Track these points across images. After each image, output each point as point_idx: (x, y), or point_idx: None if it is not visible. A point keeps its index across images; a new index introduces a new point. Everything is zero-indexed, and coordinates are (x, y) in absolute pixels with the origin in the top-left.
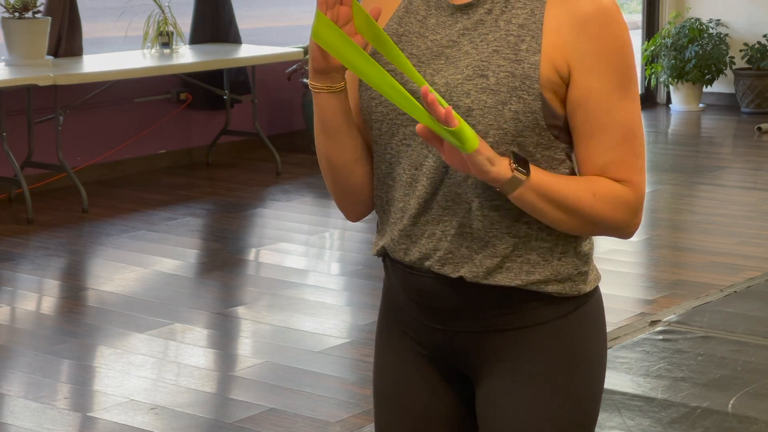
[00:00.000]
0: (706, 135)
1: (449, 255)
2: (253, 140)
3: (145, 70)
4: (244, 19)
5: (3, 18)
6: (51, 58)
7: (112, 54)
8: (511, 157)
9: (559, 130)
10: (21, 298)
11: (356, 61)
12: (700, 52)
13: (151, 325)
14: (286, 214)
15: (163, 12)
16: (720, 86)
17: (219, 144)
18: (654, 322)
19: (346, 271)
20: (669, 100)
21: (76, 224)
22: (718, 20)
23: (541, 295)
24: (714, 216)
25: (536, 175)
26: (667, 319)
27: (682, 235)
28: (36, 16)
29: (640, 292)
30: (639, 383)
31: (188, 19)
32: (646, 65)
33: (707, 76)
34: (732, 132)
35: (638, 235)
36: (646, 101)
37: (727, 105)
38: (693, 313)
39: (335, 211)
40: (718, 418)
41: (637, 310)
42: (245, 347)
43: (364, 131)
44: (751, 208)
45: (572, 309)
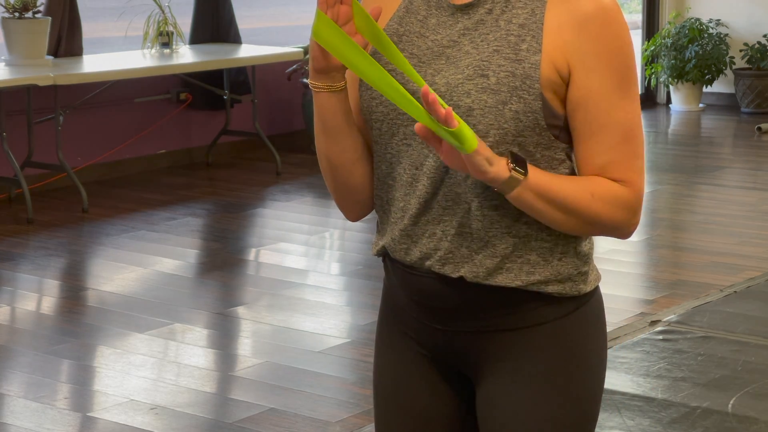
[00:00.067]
0: (706, 135)
1: (450, 255)
2: (253, 140)
3: (145, 70)
4: (244, 19)
5: (3, 18)
6: (51, 58)
7: (112, 54)
8: (509, 157)
9: (560, 130)
10: (21, 298)
11: (356, 60)
12: (700, 52)
13: (151, 325)
14: (286, 214)
15: (163, 12)
16: (720, 86)
17: (219, 144)
18: (654, 322)
19: (346, 271)
20: (669, 100)
21: (76, 224)
22: (718, 20)
23: (542, 295)
24: (714, 216)
25: (534, 174)
26: (667, 319)
27: (682, 235)
28: (36, 16)
29: (640, 292)
30: (639, 383)
31: (188, 19)
32: (646, 65)
33: (707, 76)
34: (732, 132)
35: (638, 235)
36: (646, 101)
37: (727, 105)
38: (693, 313)
39: (335, 211)
40: (718, 418)
41: (637, 310)
42: (245, 347)
43: (365, 131)
44: (751, 208)
45: (572, 309)
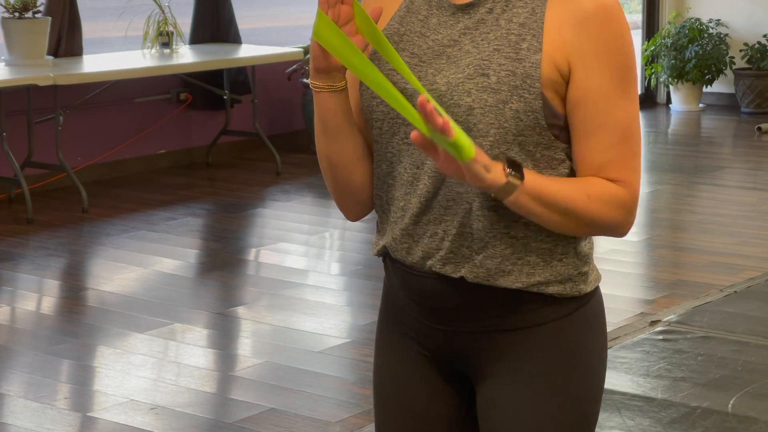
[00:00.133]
0: (706, 135)
1: (451, 255)
2: (253, 140)
3: (145, 70)
4: (244, 19)
5: (3, 18)
6: (51, 58)
7: (112, 54)
8: (505, 163)
9: (560, 129)
10: (21, 298)
11: (355, 61)
12: (700, 52)
13: (151, 325)
14: (286, 214)
15: (163, 12)
16: (720, 86)
17: (219, 144)
18: (654, 322)
19: (346, 271)
20: (669, 100)
21: (76, 224)
22: (718, 20)
23: (542, 295)
24: (714, 216)
25: (530, 178)
26: (667, 319)
27: (682, 235)
28: (36, 16)
29: (640, 292)
30: (639, 383)
31: (188, 19)
32: (646, 65)
33: (707, 76)
34: (732, 132)
35: (638, 235)
36: (646, 101)
37: (727, 105)
38: (693, 313)
39: (335, 211)
40: (718, 418)
41: (637, 310)
42: (245, 347)
43: (365, 131)
44: (751, 208)
45: (573, 309)
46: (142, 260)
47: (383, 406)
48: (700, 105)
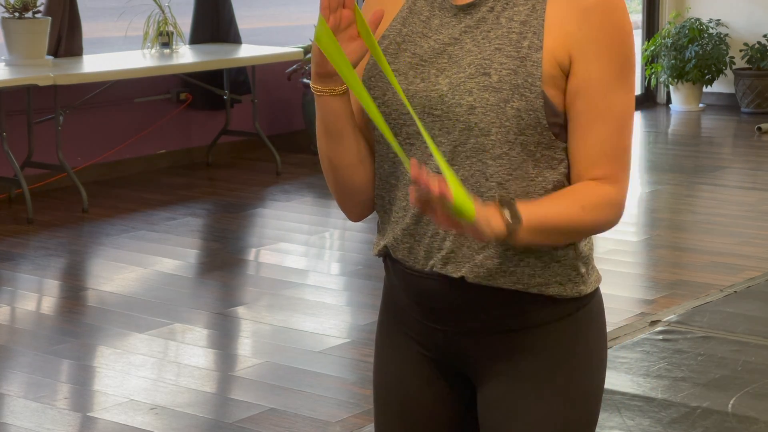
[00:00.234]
0: (706, 135)
1: (451, 254)
2: (253, 140)
3: (145, 70)
4: (244, 19)
5: (3, 18)
6: (51, 58)
7: (112, 54)
8: (498, 206)
9: (560, 128)
10: (21, 298)
11: (347, 73)
12: (700, 52)
13: (151, 325)
14: (286, 214)
15: (163, 12)
16: (720, 86)
17: (219, 144)
18: (654, 322)
19: (346, 271)
20: (669, 100)
21: (76, 224)
22: (718, 20)
23: (542, 296)
24: (714, 216)
25: (528, 216)
26: (667, 319)
27: (682, 235)
28: (36, 16)
29: (640, 292)
30: (639, 383)
31: (188, 19)
32: (646, 65)
33: (707, 76)
34: (732, 132)
35: (638, 235)
36: (646, 101)
37: (727, 105)
38: (693, 313)
39: (335, 211)
40: (718, 418)
41: (637, 310)
42: (245, 347)
43: (366, 131)
44: (751, 208)
45: (573, 310)
46: (142, 260)
47: (383, 406)
48: (700, 105)
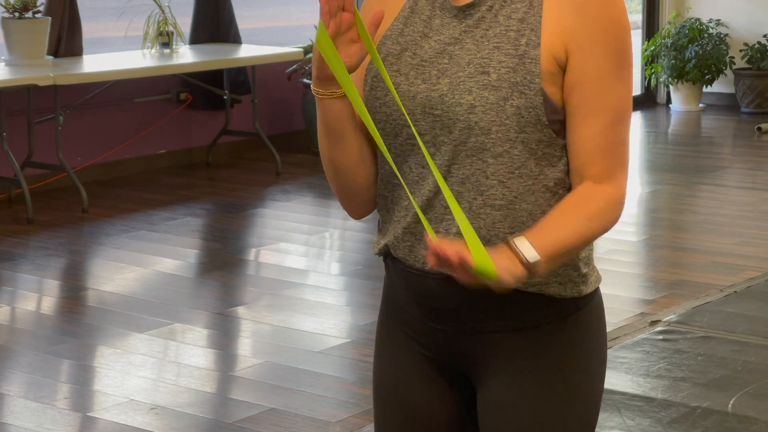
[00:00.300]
0: (706, 135)
1: None
2: (253, 140)
3: (145, 70)
4: (244, 19)
5: (3, 18)
6: (51, 58)
7: (112, 54)
8: (512, 247)
9: (560, 125)
10: (21, 298)
11: (344, 80)
12: (700, 52)
13: (151, 325)
14: (286, 214)
15: (163, 12)
16: (720, 86)
17: (219, 144)
18: (654, 322)
19: (346, 271)
20: (669, 100)
21: (76, 224)
22: (718, 20)
23: (542, 296)
24: (714, 216)
25: (542, 249)
26: (667, 319)
27: (682, 235)
28: (36, 16)
29: (640, 292)
30: (639, 383)
31: (188, 19)
32: (646, 65)
33: (707, 76)
34: (732, 132)
35: (638, 235)
36: (646, 101)
37: (727, 105)
38: (693, 313)
39: (335, 211)
40: (718, 418)
41: (637, 310)
42: (245, 347)
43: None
44: (751, 208)
45: (573, 310)
46: (142, 260)
47: (383, 406)
48: (700, 105)
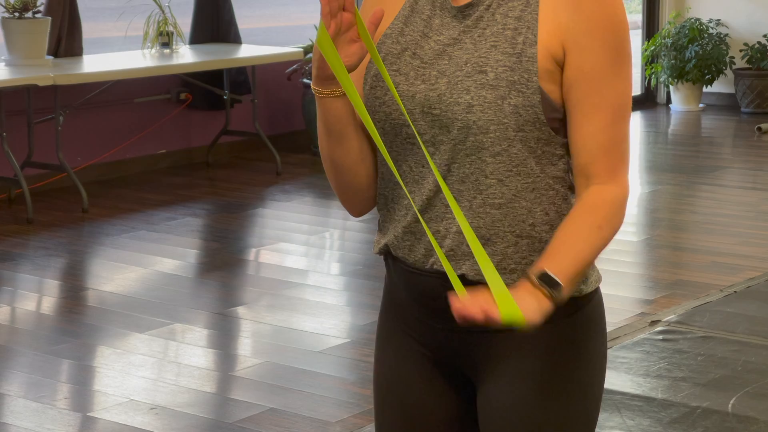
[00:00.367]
0: (706, 135)
1: (451, 252)
2: (253, 140)
3: (145, 70)
4: (244, 19)
5: (3, 18)
6: (51, 58)
7: (112, 54)
8: (534, 282)
9: (560, 123)
10: (21, 298)
11: (344, 80)
12: (700, 52)
13: (151, 325)
14: (286, 214)
15: (163, 12)
16: (720, 86)
17: (219, 144)
18: (654, 322)
19: (346, 271)
20: (669, 100)
21: (76, 224)
22: (718, 20)
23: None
24: (714, 216)
25: (562, 275)
26: (667, 319)
27: (682, 235)
28: (36, 16)
29: (640, 292)
30: (639, 383)
31: (188, 19)
32: (646, 65)
33: (707, 76)
34: (732, 132)
35: (638, 235)
36: (646, 101)
37: (727, 105)
38: (693, 313)
39: (335, 211)
40: (718, 418)
41: (637, 310)
42: (245, 347)
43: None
44: (751, 208)
45: (573, 310)
46: (142, 260)
47: (383, 405)
48: (700, 105)
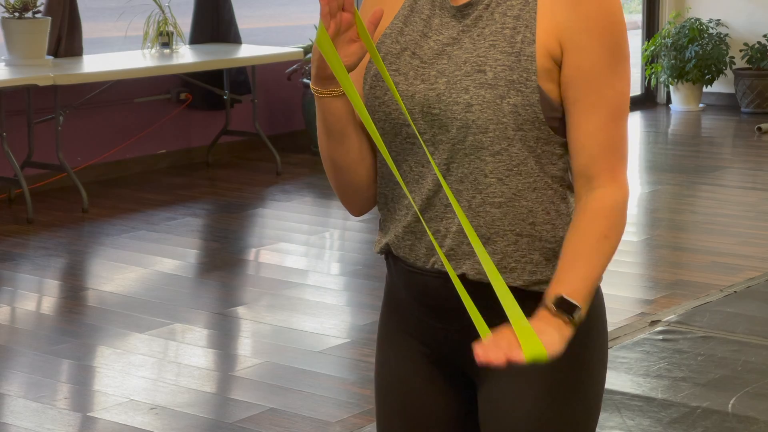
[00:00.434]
0: (706, 135)
1: (452, 252)
2: (253, 140)
3: (145, 70)
4: (244, 19)
5: (3, 18)
6: (51, 58)
7: (112, 54)
8: (552, 311)
9: (559, 122)
10: (21, 298)
11: (344, 80)
12: (700, 52)
13: (151, 325)
14: (286, 214)
15: (163, 12)
16: (720, 86)
17: (219, 144)
18: (654, 322)
19: (346, 271)
20: (669, 100)
21: (76, 224)
22: (718, 20)
23: (544, 294)
24: (714, 216)
25: (579, 296)
26: (667, 319)
27: (682, 235)
28: (36, 16)
29: (640, 292)
30: (639, 383)
31: (188, 19)
32: (646, 65)
33: (707, 76)
34: (732, 132)
35: (638, 235)
36: (646, 101)
37: (727, 105)
38: (693, 313)
39: (335, 211)
40: (718, 418)
41: (637, 310)
42: (245, 347)
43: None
44: (751, 208)
45: None
46: (142, 260)
47: (385, 404)
48: (700, 105)
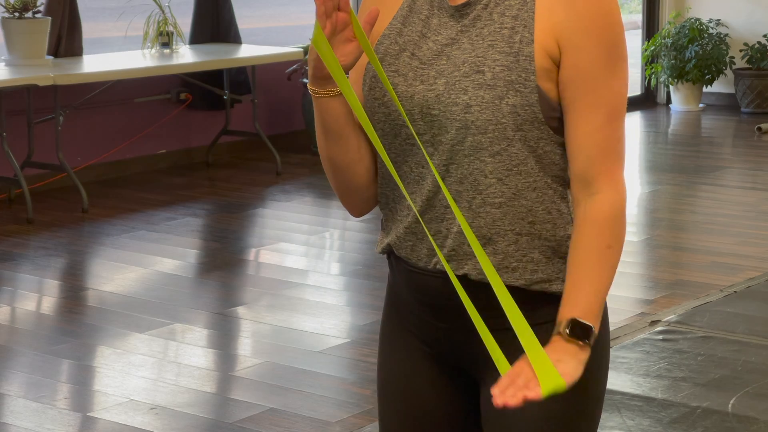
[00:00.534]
0: (706, 135)
1: (453, 252)
2: (253, 140)
3: (145, 70)
4: (244, 19)
5: (3, 18)
6: (51, 58)
7: (112, 54)
8: (565, 337)
9: (558, 122)
10: (21, 298)
11: (341, 80)
12: (700, 52)
13: (151, 325)
14: (286, 214)
15: (163, 12)
16: (720, 86)
17: (219, 144)
18: (654, 322)
19: (346, 271)
20: (669, 100)
21: (76, 224)
22: (718, 20)
23: (545, 294)
24: (714, 216)
25: (590, 316)
26: (667, 319)
27: (682, 235)
28: (36, 16)
29: (640, 292)
30: (639, 383)
31: (188, 19)
32: (646, 65)
33: (707, 76)
34: (732, 132)
35: (638, 235)
36: (646, 101)
37: (727, 105)
38: (693, 313)
39: (335, 211)
40: (718, 418)
41: (637, 310)
42: (245, 347)
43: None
44: (751, 208)
45: None
46: (142, 260)
47: (386, 403)
48: (700, 105)
